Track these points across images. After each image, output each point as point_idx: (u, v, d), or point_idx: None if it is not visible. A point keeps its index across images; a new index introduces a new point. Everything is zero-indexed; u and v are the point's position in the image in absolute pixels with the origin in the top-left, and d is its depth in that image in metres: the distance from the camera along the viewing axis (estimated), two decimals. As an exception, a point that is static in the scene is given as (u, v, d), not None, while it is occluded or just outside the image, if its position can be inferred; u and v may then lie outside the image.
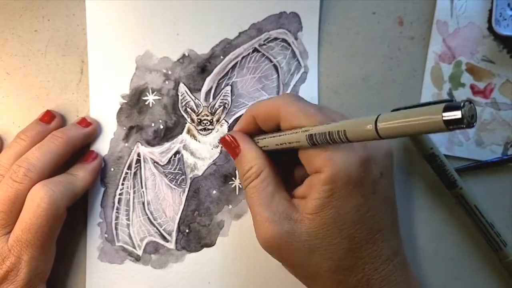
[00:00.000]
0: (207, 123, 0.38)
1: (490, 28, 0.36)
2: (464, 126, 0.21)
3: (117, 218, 0.38)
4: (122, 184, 0.38)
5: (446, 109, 0.21)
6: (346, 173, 0.28)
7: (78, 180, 0.35)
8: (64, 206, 0.33)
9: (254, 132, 0.34)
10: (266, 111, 0.32)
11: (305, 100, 0.32)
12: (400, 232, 0.33)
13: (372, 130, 0.24)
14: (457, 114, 0.20)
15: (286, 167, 0.34)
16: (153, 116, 0.38)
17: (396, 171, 0.37)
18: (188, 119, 0.38)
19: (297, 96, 0.32)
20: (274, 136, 0.31)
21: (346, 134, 0.26)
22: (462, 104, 0.20)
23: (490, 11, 0.36)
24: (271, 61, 0.38)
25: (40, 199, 0.32)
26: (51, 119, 0.37)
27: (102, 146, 0.38)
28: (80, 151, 0.37)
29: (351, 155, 0.28)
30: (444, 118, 0.21)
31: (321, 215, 0.29)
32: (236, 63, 0.38)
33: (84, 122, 0.37)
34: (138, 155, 0.38)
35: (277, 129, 0.31)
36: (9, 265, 0.32)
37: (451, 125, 0.21)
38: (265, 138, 0.32)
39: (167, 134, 0.38)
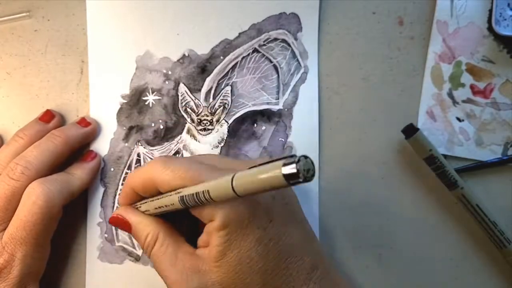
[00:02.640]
0: (207, 123, 0.38)
1: (490, 28, 0.36)
2: (301, 180, 0.21)
3: (117, 218, 0.38)
4: (122, 184, 0.38)
5: (284, 165, 0.22)
6: (236, 214, 0.28)
7: (75, 179, 0.35)
8: (60, 205, 0.33)
9: (139, 201, 0.33)
10: (141, 181, 0.31)
11: (178, 158, 0.32)
12: (316, 242, 0.32)
13: (230, 190, 0.24)
14: (292, 169, 0.21)
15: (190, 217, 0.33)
16: (153, 116, 0.38)
17: (396, 173, 0.37)
18: (188, 119, 0.38)
19: (167, 158, 0.31)
20: (152, 201, 0.31)
21: (210, 195, 0.26)
22: (297, 159, 0.21)
23: (490, 11, 0.36)
24: (271, 62, 0.38)
25: (36, 197, 0.32)
26: (50, 119, 0.37)
27: (102, 146, 0.38)
28: (80, 150, 0.37)
29: None
30: (283, 173, 0.22)
31: (226, 260, 0.28)
32: (236, 63, 0.38)
33: (84, 121, 0.37)
34: (138, 155, 0.38)
35: (159, 194, 0.31)
36: (2, 262, 0.32)
37: (290, 179, 0.21)
38: (145, 203, 0.32)
39: (167, 134, 0.38)
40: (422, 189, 0.37)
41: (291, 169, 0.21)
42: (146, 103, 0.38)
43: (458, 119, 0.37)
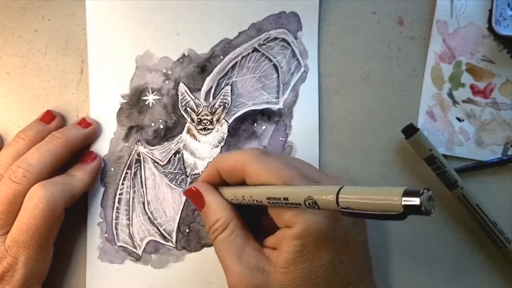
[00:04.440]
0: (207, 122, 0.38)
1: (490, 28, 0.36)
2: (423, 211, 0.20)
3: (117, 218, 0.38)
4: (122, 184, 0.38)
5: (405, 194, 0.21)
6: (316, 228, 0.28)
7: (77, 181, 0.35)
8: (62, 207, 0.33)
9: (219, 184, 0.33)
10: (232, 166, 0.31)
11: (272, 155, 0.32)
12: (373, 278, 0.33)
13: (333, 200, 0.24)
14: (415, 200, 0.20)
15: (255, 212, 0.33)
16: (153, 116, 0.38)
17: (396, 173, 0.37)
18: (188, 119, 0.38)
19: (263, 152, 0.31)
20: (239, 192, 0.31)
21: (314, 200, 0.25)
22: (421, 191, 0.20)
23: (490, 11, 0.36)
24: (271, 61, 0.38)
25: (38, 200, 0.32)
26: (51, 119, 0.37)
27: (102, 146, 0.38)
28: (80, 151, 0.37)
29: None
30: (404, 203, 0.21)
31: (293, 269, 0.28)
32: (236, 62, 0.38)
33: (84, 122, 0.37)
34: (138, 155, 0.38)
35: (242, 183, 0.31)
36: (6, 266, 0.32)
37: (409, 210, 0.21)
38: (231, 190, 0.32)
39: (167, 134, 0.38)
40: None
41: (413, 200, 0.20)
42: (146, 102, 0.38)
43: (458, 119, 0.37)
